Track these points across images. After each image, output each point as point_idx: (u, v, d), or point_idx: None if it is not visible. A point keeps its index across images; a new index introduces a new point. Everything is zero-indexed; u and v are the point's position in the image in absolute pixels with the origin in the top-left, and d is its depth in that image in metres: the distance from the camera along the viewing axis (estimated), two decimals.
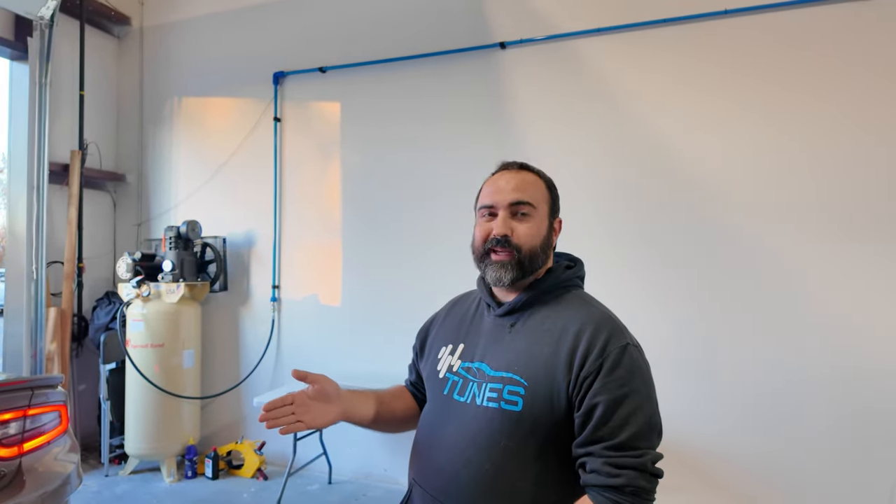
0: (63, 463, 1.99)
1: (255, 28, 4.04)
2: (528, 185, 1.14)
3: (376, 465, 3.60)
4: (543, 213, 1.14)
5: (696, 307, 2.97)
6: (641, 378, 1.01)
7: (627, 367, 1.00)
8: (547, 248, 1.14)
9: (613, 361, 0.99)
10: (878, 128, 2.69)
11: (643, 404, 0.99)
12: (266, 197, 3.95)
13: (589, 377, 0.99)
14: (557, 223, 1.18)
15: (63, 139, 4.02)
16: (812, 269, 2.78)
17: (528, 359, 1.05)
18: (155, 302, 3.66)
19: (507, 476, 1.02)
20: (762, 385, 2.84)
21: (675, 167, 3.03)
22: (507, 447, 1.02)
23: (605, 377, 0.99)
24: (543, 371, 1.03)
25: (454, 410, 1.10)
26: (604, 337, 1.02)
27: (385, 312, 3.61)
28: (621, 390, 0.98)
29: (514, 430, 1.02)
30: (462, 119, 3.46)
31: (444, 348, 1.21)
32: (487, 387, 1.07)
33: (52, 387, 2.05)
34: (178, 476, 3.61)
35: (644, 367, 1.04)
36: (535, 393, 1.02)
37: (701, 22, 2.99)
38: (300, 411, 1.11)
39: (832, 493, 2.72)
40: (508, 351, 1.08)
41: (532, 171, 1.18)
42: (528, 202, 1.12)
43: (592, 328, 1.04)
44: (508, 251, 1.09)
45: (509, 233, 1.10)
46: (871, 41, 2.71)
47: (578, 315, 1.07)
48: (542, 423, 1.01)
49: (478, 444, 1.04)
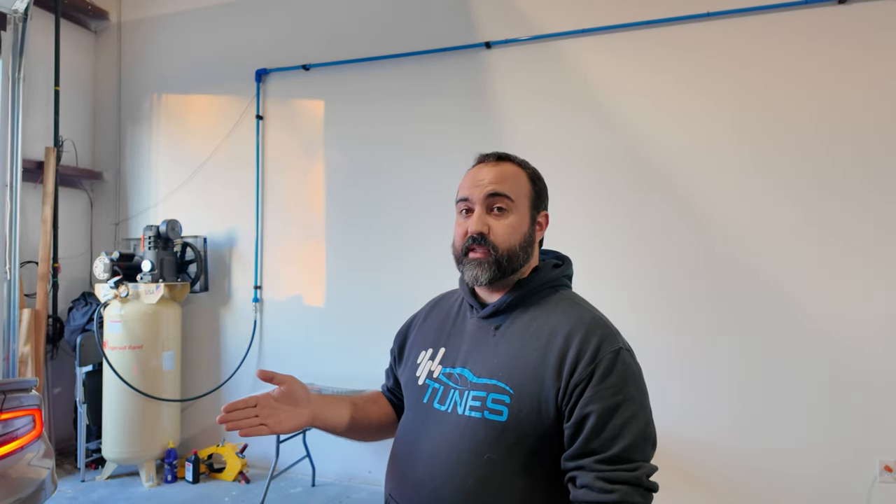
0: (37, 469, 1.93)
1: (237, 24, 3.98)
2: (507, 177, 1.05)
3: (360, 467, 3.57)
4: (524, 207, 1.05)
5: (680, 306, 3.00)
6: (635, 385, 0.94)
7: (621, 373, 0.93)
8: (528, 246, 1.05)
9: (606, 367, 0.93)
10: (862, 126, 2.75)
11: (638, 413, 0.92)
12: (248, 196, 3.90)
13: (580, 384, 0.92)
14: (543, 218, 1.09)
15: (37, 136, 3.91)
16: (798, 269, 2.82)
17: (514, 364, 0.98)
18: (133, 303, 3.58)
19: (492, 491, 0.94)
20: (746, 384, 2.88)
21: (659, 165, 3.05)
22: (491, 460, 0.95)
23: (597, 384, 0.92)
24: (531, 378, 0.95)
25: (434, 420, 1.03)
26: (595, 341, 0.95)
27: (369, 313, 3.59)
28: (614, 398, 0.91)
29: (499, 441, 0.95)
30: (447, 118, 3.44)
31: (423, 353, 1.14)
32: (470, 395, 0.99)
33: (26, 390, 1.98)
34: (158, 480, 3.53)
35: (637, 372, 0.97)
36: (522, 401, 0.95)
37: (683, 24, 3.02)
38: (264, 414, 1.03)
39: (814, 490, 2.76)
40: (493, 356, 1.01)
41: (513, 162, 1.09)
42: (505, 195, 1.03)
43: (583, 332, 0.96)
44: (485, 249, 1.02)
45: (485, 230, 1.03)
46: (849, 42, 2.76)
47: (568, 317, 1.00)
48: (528, 434, 0.94)
49: (459, 457, 0.97)
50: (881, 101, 2.71)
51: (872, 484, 2.68)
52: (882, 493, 2.66)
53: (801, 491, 2.78)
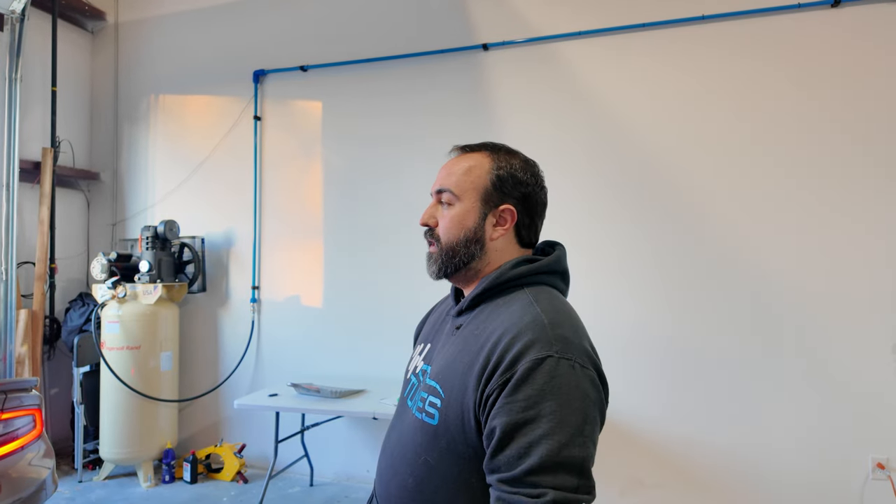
0: (37, 468, 1.93)
1: (234, 25, 3.98)
2: (459, 171, 1.00)
3: (359, 466, 3.58)
4: (470, 201, 0.99)
5: (673, 305, 3.03)
6: (558, 400, 0.80)
7: (539, 385, 0.80)
8: (472, 243, 0.98)
9: (521, 377, 0.81)
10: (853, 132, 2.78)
11: (553, 432, 0.78)
12: (246, 196, 3.90)
13: (492, 395, 0.83)
14: (507, 212, 0.99)
15: (34, 136, 3.91)
16: (791, 268, 2.86)
17: (449, 368, 0.93)
18: (131, 303, 3.59)
19: (429, 495, 0.92)
20: (739, 382, 2.91)
21: (655, 165, 3.08)
22: (427, 462, 0.91)
23: (507, 396, 0.82)
24: (458, 384, 0.90)
25: (403, 416, 1.02)
26: (519, 346, 0.84)
27: (368, 314, 3.60)
28: (524, 413, 0.80)
29: (432, 445, 0.91)
30: (444, 119, 3.46)
31: (419, 346, 1.14)
32: (420, 394, 0.98)
33: (26, 390, 1.99)
34: (156, 481, 3.54)
35: (570, 385, 0.82)
36: (450, 407, 0.90)
37: (680, 27, 3.05)
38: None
39: (807, 487, 2.79)
40: (443, 357, 0.98)
41: (482, 152, 1.03)
42: (448, 190, 1.00)
43: (512, 335, 0.86)
44: (433, 244, 1.02)
45: (432, 222, 1.02)
46: (842, 46, 2.80)
47: (510, 318, 0.90)
48: (456, 440, 0.89)
49: (405, 456, 0.96)
50: (876, 102, 2.74)
51: (865, 481, 2.72)
52: (875, 491, 2.70)
53: (794, 488, 2.81)
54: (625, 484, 3.01)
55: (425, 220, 1.03)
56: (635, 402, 3.01)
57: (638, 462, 3.00)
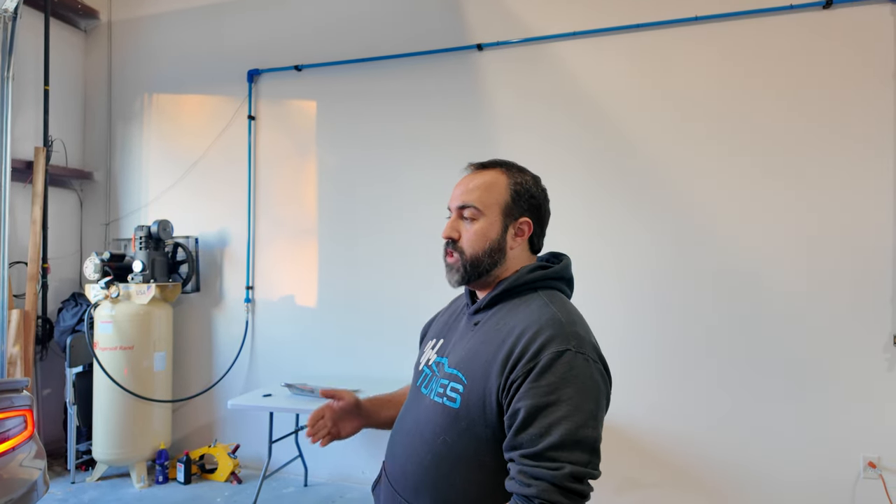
0: (29, 469, 1.92)
1: (229, 24, 3.97)
2: (479, 187, 1.11)
3: (353, 466, 3.58)
4: (494, 215, 1.10)
5: (664, 304, 3.04)
6: (577, 387, 0.94)
7: (560, 373, 0.94)
8: (495, 251, 1.10)
9: (544, 366, 0.94)
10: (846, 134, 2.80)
11: (571, 415, 0.91)
12: (240, 196, 3.89)
13: (517, 381, 0.95)
14: (525, 224, 1.12)
15: (27, 135, 3.89)
16: (780, 267, 2.87)
17: (472, 358, 1.05)
18: (124, 303, 3.57)
19: (446, 471, 1.03)
20: (730, 382, 2.92)
21: (648, 165, 3.09)
22: (446, 442, 1.03)
23: (531, 382, 0.94)
24: (481, 371, 1.01)
25: (418, 402, 1.14)
26: (541, 340, 0.97)
27: (362, 314, 3.60)
28: (547, 397, 0.92)
29: (452, 426, 1.02)
30: (439, 119, 3.46)
31: (430, 342, 1.24)
32: (440, 382, 1.09)
33: (17, 391, 1.98)
34: (149, 481, 3.52)
35: (584, 376, 0.95)
36: (471, 392, 1.01)
37: (672, 28, 3.06)
38: (329, 424, 1.27)
39: (799, 487, 2.81)
40: (463, 349, 1.09)
41: (498, 169, 1.14)
42: (472, 206, 1.10)
43: (534, 330, 0.99)
44: (454, 255, 1.12)
45: (455, 236, 1.12)
46: (833, 47, 2.82)
47: (529, 316, 1.03)
48: (476, 423, 1.00)
49: (423, 437, 1.07)
50: (868, 104, 2.76)
51: (857, 480, 2.74)
52: (866, 489, 2.71)
53: (786, 487, 2.82)
54: (620, 483, 3.02)
55: (449, 234, 1.13)
56: (630, 402, 3.01)
57: (633, 461, 3.00)
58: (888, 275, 2.72)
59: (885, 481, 2.68)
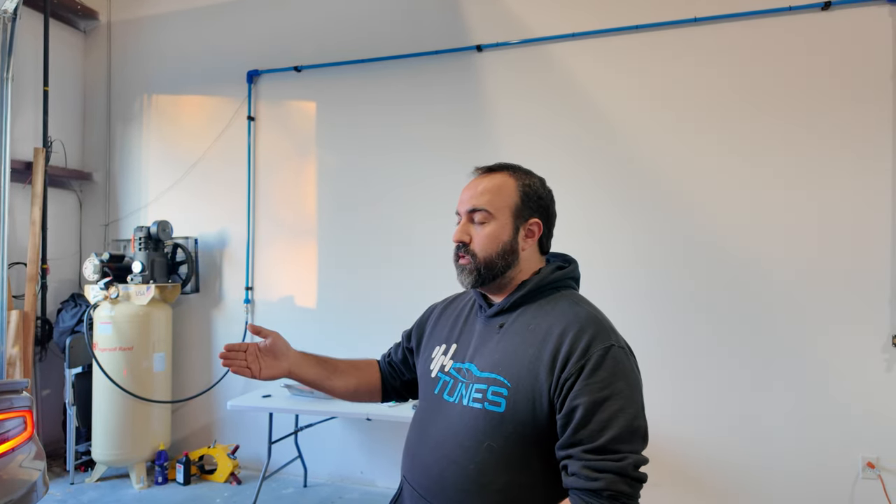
0: (28, 470, 1.92)
1: (228, 25, 3.97)
2: (489, 191, 1.12)
3: (353, 467, 3.58)
4: (504, 218, 1.11)
5: (666, 307, 3.04)
6: (625, 381, 0.98)
7: (610, 368, 0.97)
8: (508, 254, 1.11)
9: (595, 363, 0.97)
10: (845, 135, 2.81)
11: (625, 407, 0.96)
12: (239, 197, 3.89)
13: (570, 379, 0.97)
14: (534, 226, 1.14)
15: (26, 136, 3.89)
16: (781, 272, 2.88)
17: (512, 360, 1.04)
18: (124, 304, 3.57)
19: (491, 477, 1.02)
20: (730, 383, 2.92)
21: (648, 165, 3.09)
22: (491, 448, 1.02)
23: (585, 379, 0.97)
24: (527, 372, 1.02)
25: (443, 410, 1.11)
26: (587, 338, 1.00)
27: (361, 315, 3.59)
28: (602, 392, 0.96)
29: (497, 431, 1.02)
30: (439, 120, 3.46)
31: (437, 348, 1.22)
32: (473, 387, 1.07)
33: (17, 392, 1.98)
34: (149, 482, 3.52)
35: (629, 369, 1.01)
36: (518, 394, 1.01)
37: (672, 29, 3.07)
38: (251, 359, 1.24)
39: (798, 487, 2.81)
40: (495, 352, 1.08)
41: (506, 172, 1.15)
42: (482, 209, 1.11)
43: (577, 329, 1.01)
44: (466, 257, 1.13)
45: (467, 239, 1.13)
46: (832, 49, 2.82)
47: (564, 316, 1.05)
48: (525, 424, 1.00)
49: (462, 445, 1.05)
50: (867, 104, 2.77)
51: (855, 480, 2.74)
52: (865, 489, 2.72)
53: (785, 487, 2.82)
54: None
55: (460, 238, 1.14)
56: None
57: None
58: (887, 276, 2.72)
59: (883, 481, 2.69)
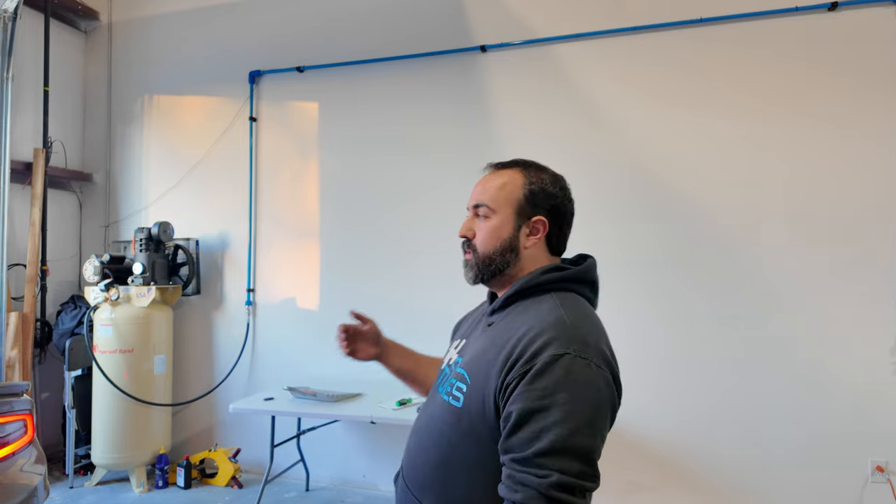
0: (29, 475, 1.89)
1: (230, 25, 3.95)
2: (493, 187, 1.10)
3: (355, 471, 3.55)
4: (505, 214, 1.08)
5: (672, 307, 3.02)
6: (573, 393, 0.89)
7: (555, 377, 0.89)
8: (508, 251, 1.08)
9: (539, 369, 0.90)
10: (851, 136, 2.79)
11: (563, 420, 0.87)
12: (241, 198, 3.86)
13: (512, 383, 0.93)
14: (539, 223, 1.09)
15: (26, 136, 3.86)
16: (786, 270, 2.86)
17: (479, 358, 1.04)
18: (124, 306, 3.54)
19: (450, 471, 1.02)
20: (738, 386, 2.90)
21: (652, 170, 3.07)
22: (451, 442, 1.02)
23: (526, 385, 0.90)
24: (483, 372, 1.00)
25: (433, 400, 1.14)
26: (540, 342, 0.93)
27: None
28: (540, 402, 0.88)
29: (456, 425, 1.02)
30: (442, 121, 3.44)
31: (455, 342, 1.22)
32: (449, 381, 1.09)
33: (17, 395, 1.95)
34: (149, 486, 3.48)
35: (583, 382, 0.91)
36: (473, 392, 1.00)
37: (677, 30, 3.05)
38: (349, 340, 1.33)
39: (807, 491, 2.79)
40: (474, 349, 1.08)
41: (514, 168, 1.12)
42: (484, 204, 1.10)
43: (535, 332, 0.95)
44: (469, 252, 1.12)
45: (469, 234, 1.12)
46: (839, 50, 2.81)
47: (535, 318, 1.00)
48: (477, 423, 0.98)
49: (431, 435, 1.07)
50: (874, 104, 2.75)
51: (865, 484, 2.72)
52: (874, 494, 2.70)
53: (793, 491, 2.80)
54: (623, 486, 2.99)
55: (464, 233, 1.13)
56: (634, 406, 2.97)
57: (636, 465, 2.98)
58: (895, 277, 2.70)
59: (893, 485, 2.67)
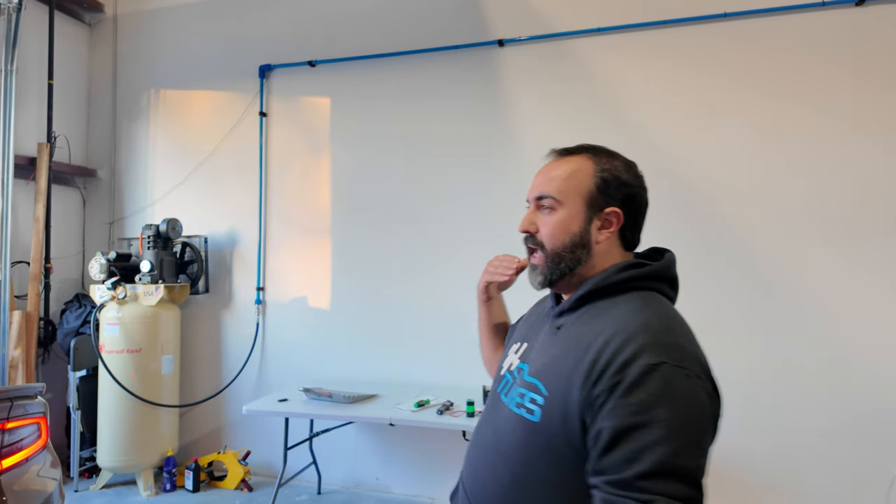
0: (44, 480, 1.81)
1: (239, 18, 3.87)
2: (558, 176, 1.00)
3: (367, 473, 3.48)
4: (574, 206, 0.98)
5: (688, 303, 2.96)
6: (675, 408, 0.79)
7: (652, 390, 0.80)
8: (579, 247, 0.98)
9: (633, 381, 0.81)
10: (872, 131, 2.74)
11: (666, 439, 0.77)
12: (251, 195, 3.79)
13: (601, 396, 0.83)
14: (613, 215, 0.99)
15: (30, 131, 3.77)
16: (809, 267, 2.81)
17: (553, 367, 0.93)
18: (131, 305, 3.45)
19: (525, 490, 0.91)
20: (762, 389, 2.85)
21: (673, 166, 3.02)
22: (527, 459, 0.91)
23: (618, 399, 0.81)
24: (564, 383, 0.89)
25: (498, 410, 1.02)
26: (631, 350, 0.83)
27: (377, 316, 3.49)
28: (636, 417, 0.79)
29: (532, 441, 0.91)
30: (458, 116, 3.38)
31: (514, 345, 1.12)
32: (518, 391, 0.98)
33: (31, 397, 1.87)
34: (156, 489, 3.40)
35: (685, 395, 0.81)
36: (552, 405, 0.89)
37: (700, 24, 3.00)
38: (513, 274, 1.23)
39: (830, 496, 2.74)
40: (544, 356, 0.98)
41: (582, 155, 1.02)
42: (549, 196, 0.99)
43: (623, 338, 0.85)
44: (537, 252, 1.01)
45: (532, 229, 1.01)
46: (866, 46, 2.76)
47: (618, 321, 0.89)
48: (557, 438, 0.88)
49: (500, 451, 0.97)
50: None
51: (890, 489, 2.67)
52: None
53: (817, 496, 2.75)
54: None
55: (526, 227, 1.02)
56: None
57: None
58: None
59: None
